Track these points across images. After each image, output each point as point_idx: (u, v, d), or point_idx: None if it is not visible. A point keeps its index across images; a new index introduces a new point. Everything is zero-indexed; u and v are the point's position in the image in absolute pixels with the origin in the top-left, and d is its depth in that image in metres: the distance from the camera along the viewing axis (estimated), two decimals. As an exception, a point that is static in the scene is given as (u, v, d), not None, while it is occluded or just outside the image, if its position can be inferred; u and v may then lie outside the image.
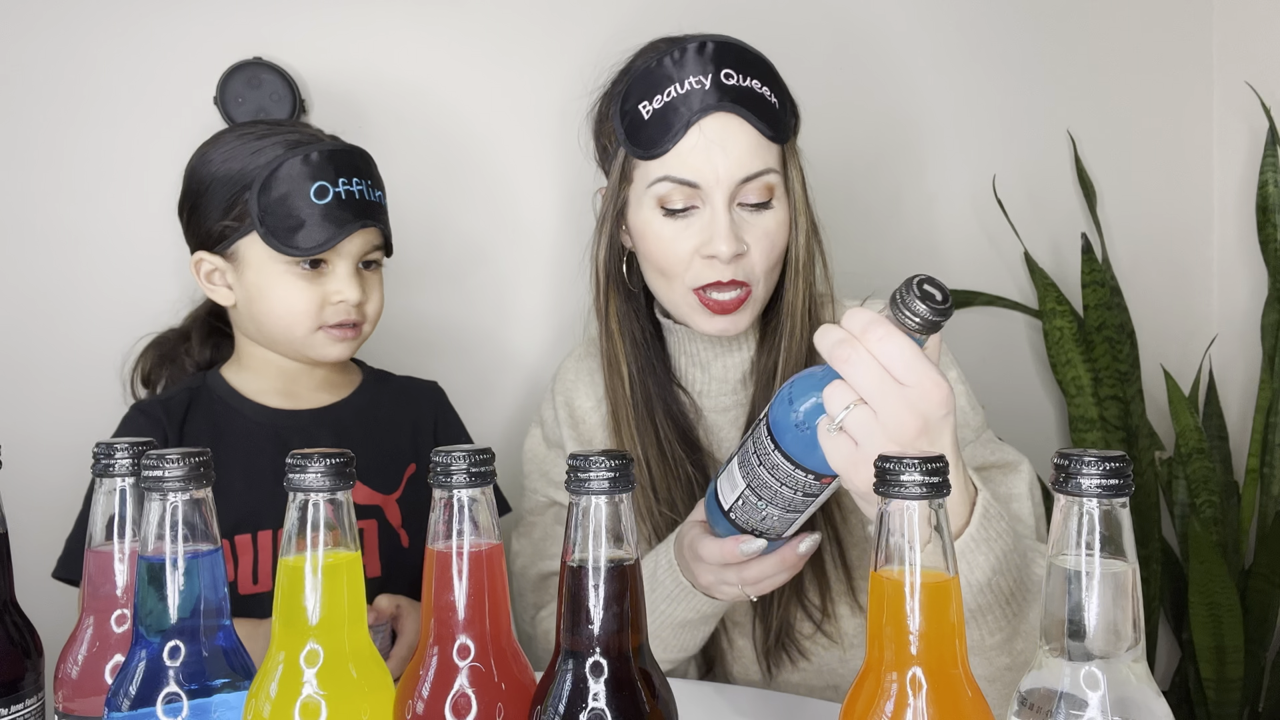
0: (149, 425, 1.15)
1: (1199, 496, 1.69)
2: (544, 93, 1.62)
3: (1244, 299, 1.87)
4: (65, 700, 0.68)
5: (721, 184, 1.03)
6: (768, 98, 1.05)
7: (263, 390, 1.19)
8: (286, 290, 1.11)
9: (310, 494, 0.58)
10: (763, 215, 1.05)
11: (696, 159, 1.03)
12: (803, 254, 1.09)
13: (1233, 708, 1.59)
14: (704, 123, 1.02)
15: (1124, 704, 0.52)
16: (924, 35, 1.77)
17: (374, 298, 1.17)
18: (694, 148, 1.03)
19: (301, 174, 1.08)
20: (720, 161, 1.02)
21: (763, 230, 1.05)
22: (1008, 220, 1.76)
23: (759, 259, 1.05)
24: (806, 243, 1.09)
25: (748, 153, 1.03)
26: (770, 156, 1.05)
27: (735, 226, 1.03)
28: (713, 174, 1.03)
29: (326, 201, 1.09)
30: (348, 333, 1.14)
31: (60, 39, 1.48)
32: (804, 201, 1.09)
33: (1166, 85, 1.88)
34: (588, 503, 0.57)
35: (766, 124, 1.04)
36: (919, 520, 0.53)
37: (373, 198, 1.14)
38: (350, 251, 1.13)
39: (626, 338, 1.14)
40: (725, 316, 1.06)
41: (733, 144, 1.03)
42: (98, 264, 1.50)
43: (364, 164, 1.14)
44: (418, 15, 1.58)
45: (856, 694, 0.56)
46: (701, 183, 1.03)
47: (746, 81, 1.04)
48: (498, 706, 0.60)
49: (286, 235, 1.08)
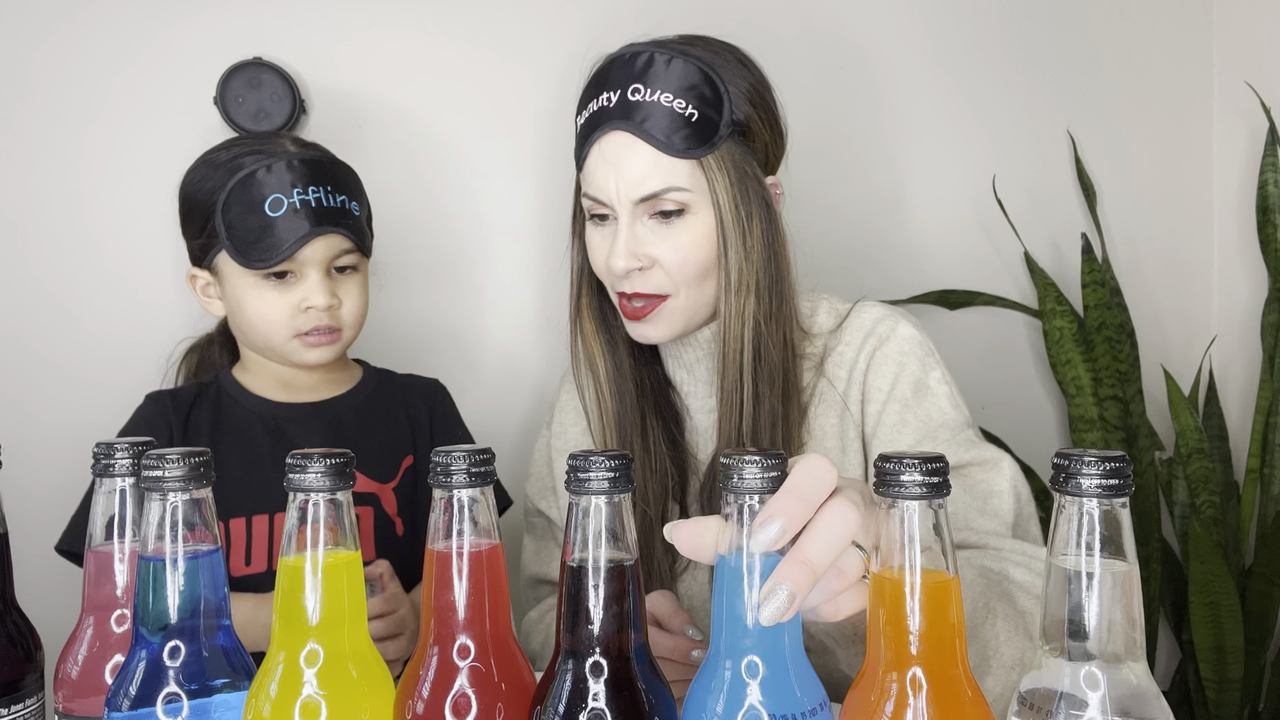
0: (156, 411, 1.19)
1: (1199, 496, 1.69)
2: (543, 92, 1.62)
3: (1244, 299, 1.87)
4: (65, 700, 0.68)
5: (621, 202, 1.02)
6: (679, 111, 1.01)
7: (265, 387, 1.23)
8: (259, 301, 1.14)
9: (310, 494, 0.58)
10: (673, 227, 1.03)
11: (598, 176, 1.03)
12: (735, 272, 1.03)
13: (1233, 708, 1.59)
14: (602, 141, 1.03)
15: (1124, 704, 0.52)
16: (924, 35, 1.77)
17: (350, 301, 1.18)
18: (595, 165, 1.04)
19: (256, 188, 1.11)
20: (616, 180, 1.02)
21: (672, 244, 1.03)
22: (1008, 220, 1.76)
23: (672, 270, 1.04)
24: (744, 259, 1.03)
25: (643, 171, 1.01)
26: (676, 173, 1.01)
27: (636, 241, 1.03)
28: (613, 191, 1.02)
29: (281, 213, 1.11)
30: (323, 338, 1.16)
31: (60, 39, 1.48)
32: (735, 214, 1.03)
33: (1166, 85, 1.88)
34: (588, 503, 0.57)
35: (669, 138, 1.00)
36: (919, 520, 0.53)
37: (333, 203, 1.14)
38: (315, 259, 1.14)
39: (603, 338, 1.14)
40: (638, 324, 1.07)
41: (627, 163, 1.02)
42: (97, 264, 1.50)
43: (323, 171, 1.15)
44: (417, 15, 1.58)
45: (856, 694, 0.56)
46: (605, 199, 1.03)
47: (653, 96, 1.01)
48: (498, 706, 0.60)
49: (247, 249, 1.12)
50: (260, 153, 1.14)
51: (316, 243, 1.13)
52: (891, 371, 1.08)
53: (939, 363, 1.11)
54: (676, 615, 0.94)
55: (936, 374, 1.09)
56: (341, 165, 1.19)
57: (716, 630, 0.58)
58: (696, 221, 1.03)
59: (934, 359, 1.10)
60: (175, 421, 1.18)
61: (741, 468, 0.56)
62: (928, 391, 1.07)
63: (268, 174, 1.12)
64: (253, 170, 1.12)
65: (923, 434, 1.05)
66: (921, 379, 1.07)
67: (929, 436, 1.04)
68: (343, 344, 1.20)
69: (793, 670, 0.57)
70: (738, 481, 0.56)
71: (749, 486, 0.56)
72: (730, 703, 0.56)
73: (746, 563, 0.56)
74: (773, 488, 0.56)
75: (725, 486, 0.57)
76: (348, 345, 1.21)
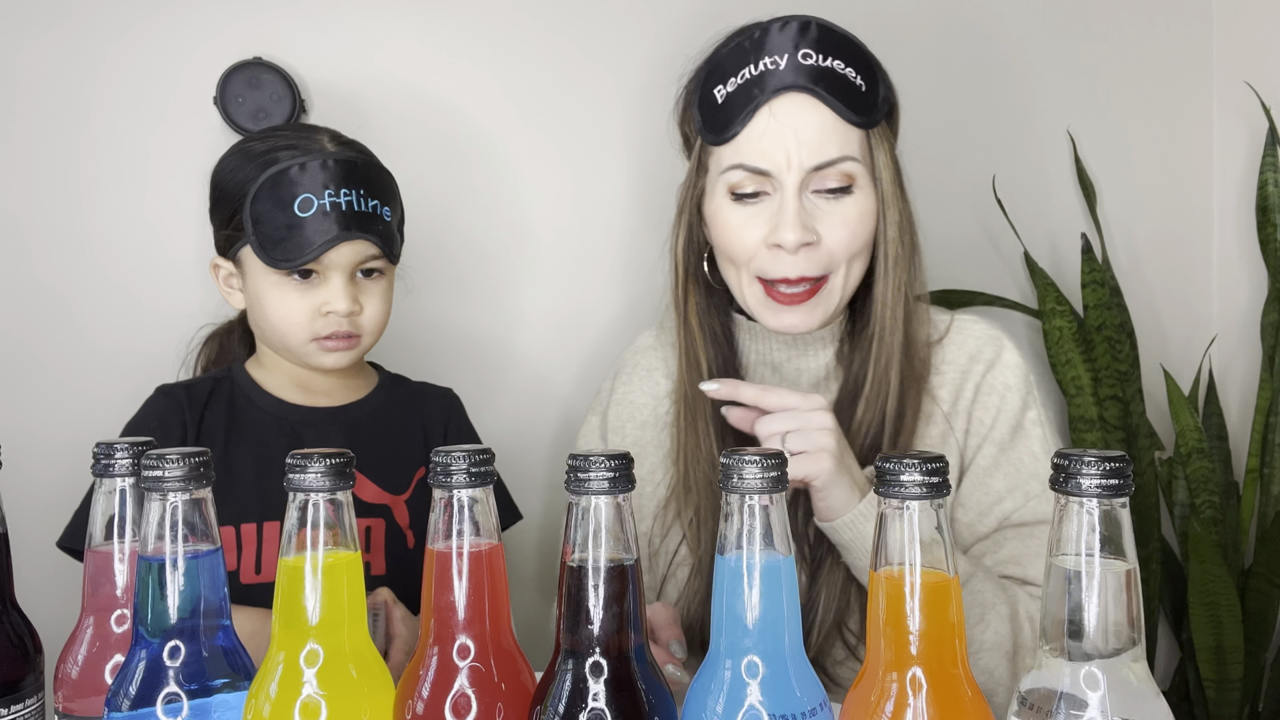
0: (170, 407, 1.16)
1: (1199, 496, 1.69)
2: (543, 92, 1.62)
3: (1244, 299, 1.86)
4: (65, 700, 0.68)
5: (792, 170, 0.97)
6: (851, 79, 0.98)
7: (281, 386, 1.21)
8: (280, 300, 1.12)
9: (310, 494, 0.58)
10: (841, 202, 1.00)
11: (766, 143, 0.98)
12: (894, 248, 1.02)
13: (1232, 708, 1.59)
14: (775, 104, 0.98)
15: (1124, 704, 0.52)
16: (923, 34, 1.77)
17: (371, 307, 1.15)
18: (764, 131, 0.98)
19: (287, 186, 1.08)
20: (791, 146, 0.97)
21: (840, 218, 0.99)
22: (1008, 220, 1.76)
23: (836, 249, 0.99)
24: (899, 236, 1.02)
25: (822, 137, 0.97)
26: (850, 142, 0.99)
27: (805, 215, 0.98)
28: (783, 159, 0.97)
29: (310, 214, 1.08)
30: (341, 344, 1.13)
31: (60, 39, 1.48)
32: (895, 192, 1.02)
33: (1166, 85, 1.88)
34: (588, 503, 0.57)
35: (846, 106, 0.97)
36: (919, 520, 0.53)
37: (364, 208, 1.11)
38: (341, 262, 1.11)
39: (706, 332, 1.09)
40: (792, 310, 1.01)
41: (805, 127, 0.97)
42: (98, 263, 1.50)
43: (358, 174, 1.12)
44: (417, 15, 1.58)
45: (856, 694, 0.56)
46: (771, 169, 0.98)
47: (826, 62, 0.98)
48: (498, 706, 0.60)
49: (272, 247, 1.09)
50: (296, 148, 1.11)
51: (343, 247, 1.10)
52: (994, 405, 1.06)
53: (1036, 399, 1.08)
54: (668, 628, 0.93)
55: (1033, 413, 1.06)
56: (378, 168, 1.16)
57: (716, 630, 0.58)
58: (862, 197, 1.01)
59: (1033, 395, 1.07)
60: (190, 418, 1.16)
61: (741, 468, 0.56)
62: (1023, 433, 1.05)
63: (300, 172, 1.09)
64: (286, 167, 1.09)
65: (1013, 482, 1.04)
66: (1019, 419, 1.05)
67: (1018, 487, 1.04)
68: (360, 350, 1.17)
69: (793, 670, 0.57)
70: (738, 481, 0.56)
71: (749, 486, 0.56)
72: (730, 703, 0.56)
73: (746, 563, 0.56)
74: (773, 487, 0.56)
75: (725, 486, 0.57)
76: (366, 351, 1.19)
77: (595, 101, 1.63)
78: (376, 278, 1.16)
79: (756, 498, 0.56)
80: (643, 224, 1.63)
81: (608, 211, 1.65)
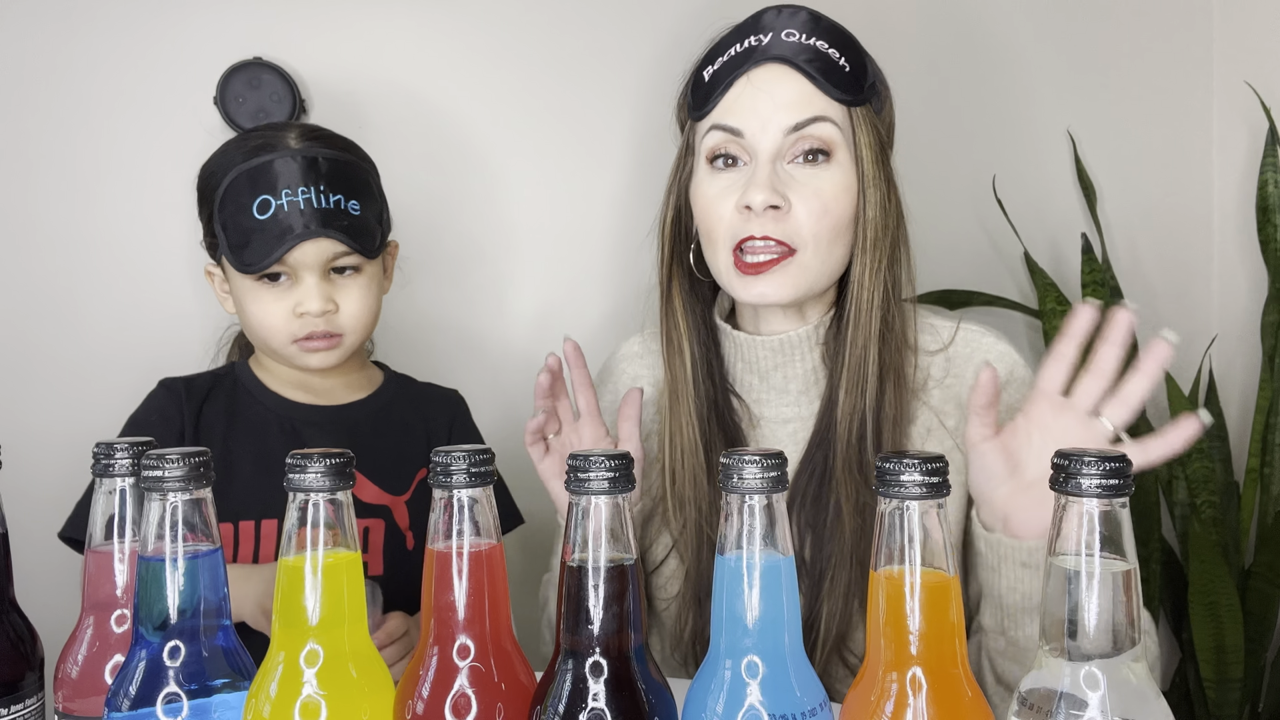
0: (170, 401, 1.16)
1: (1199, 496, 1.69)
2: (543, 92, 1.62)
3: (1244, 299, 1.86)
4: (65, 700, 0.68)
5: (768, 132, 0.98)
6: (834, 58, 0.99)
7: (283, 384, 1.20)
8: (256, 305, 1.11)
9: (310, 494, 0.58)
10: (815, 171, 0.99)
11: (742, 104, 0.99)
12: (873, 230, 1.00)
13: (1233, 708, 1.59)
14: (754, 72, 0.99)
15: (1124, 704, 0.52)
16: (923, 34, 1.77)
17: (349, 305, 1.12)
18: (740, 95, 0.99)
19: (245, 188, 1.07)
20: (767, 108, 0.97)
21: (813, 189, 0.98)
22: (1008, 220, 1.76)
23: (805, 219, 0.98)
24: (880, 218, 1.00)
25: (797, 99, 0.97)
26: (830, 109, 0.98)
27: (778, 180, 0.97)
28: (757, 121, 0.98)
29: (268, 216, 1.07)
30: (321, 344, 1.12)
31: (60, 39, 1.48)
32: (877, 173, 1.00)
33: (1166, 85, 1.88)
34: (588, 503, 0.57)
35: (827, 80, 0.98)
36: (919, 520, 0.53)
37: (325, 204, 1.08)
38: (308, 262, 1.09)
39: (689, 316, 1.09)
40: (759, 279, 0.99)
41: (781, 91, 0.98)
42: (98, 263, 1.50)
43: (317, 169, 1.09)
44: (417, 15, 1.58)
45: (856, 694, 0.56)
46: (744, 129, 0.98)
47: (810, 40, 0.99)
48: (498, 706, 0.60)
49: (238, 251, 1.08)
50: (261, 149, 1.09)
51: (305, 246, 1.07)
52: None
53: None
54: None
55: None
56: (346, 162, 1.13)
57: (716, 630, 0.58)
58: (839, 171, 0.99)
59: None
60: (188, 411, 1.15)
61: (741, 468, 0.56)
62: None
63: (258, 173, 1.07)
64: (245, 169, 1.07)
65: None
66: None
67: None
68: (345, 349, 1.15)
69: (793, 670, 0.57)
70: (738, 481, 0.56)
71: (749, 486, 0.56)
72: (730, 703, 0.56)
73: (746, 563, 0.56)
74: (773, 488, 0.56)
75: (725, 487, 0.57)
76: (352, 349, 1.16)
77: (594, 101, 1.63)
78: (352, 274, 1.13)
79: (757, 497, 0.56)
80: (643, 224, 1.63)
81: (607, 212, 1.65)
